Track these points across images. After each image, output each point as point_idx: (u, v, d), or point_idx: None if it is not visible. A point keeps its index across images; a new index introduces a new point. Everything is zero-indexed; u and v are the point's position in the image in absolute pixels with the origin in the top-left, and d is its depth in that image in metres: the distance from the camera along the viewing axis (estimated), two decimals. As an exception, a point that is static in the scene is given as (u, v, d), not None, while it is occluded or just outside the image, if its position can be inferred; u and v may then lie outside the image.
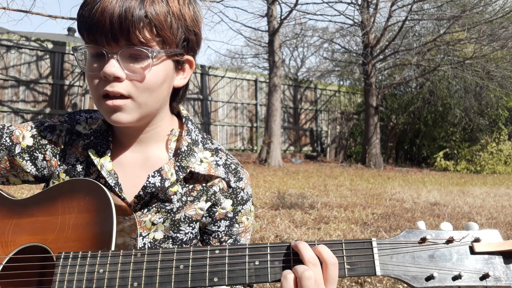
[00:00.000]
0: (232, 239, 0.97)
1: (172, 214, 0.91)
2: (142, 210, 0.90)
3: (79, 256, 0.74)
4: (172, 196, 0.90)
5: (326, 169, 10.74)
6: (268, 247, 0.73)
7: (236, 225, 0.97)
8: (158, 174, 0.88)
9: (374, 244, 0.73)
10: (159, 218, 0.90)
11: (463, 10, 11.04)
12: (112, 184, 0.87)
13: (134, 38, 0.77)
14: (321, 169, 10.78)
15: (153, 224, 0.90)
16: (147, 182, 0.87)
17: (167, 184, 0.88)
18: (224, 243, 0.96)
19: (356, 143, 15.43)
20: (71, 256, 0.74)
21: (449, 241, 0.72)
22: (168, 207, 0.91)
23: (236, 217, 0.96)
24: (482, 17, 11.83)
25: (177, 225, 0.92)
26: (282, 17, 11.22)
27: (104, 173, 0.88)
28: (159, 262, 0.72)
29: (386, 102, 15.24)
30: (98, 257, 0.73)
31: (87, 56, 0.83)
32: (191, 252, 0.73)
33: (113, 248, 0.75)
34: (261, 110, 14.23)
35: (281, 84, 11.86)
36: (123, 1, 0.76)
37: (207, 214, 0.95)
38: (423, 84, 14.53)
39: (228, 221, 0.96)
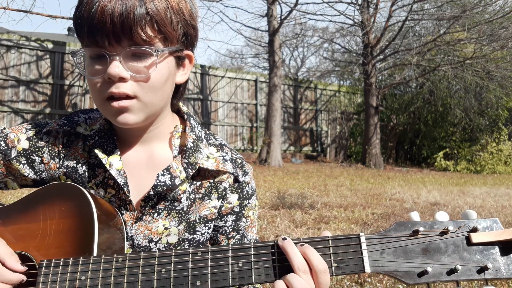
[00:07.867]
0: (240, 234, 0.96)
1: (183, 214, 0.90)
2: (152, 215, 0.88)
3: (61, 264, 0.73)
4: (181, 195, 0.89)
5: (326, 169, 10.73)
6: (252, 248, 0.70)
7: (243, 219, 0.96)
8: (167, 172, 0.86)
9: (363, 239, 0.68)
10: (172, 222, 0.89)
11: (463, 10, 11.03)
12: (122, 183, 0.85)
13: (136, 37, 0.76)
14: (321, 169, 10.77)
15: (165, 228, 0.88)
16: (158, 181, 0.85)
17: (177, 182, 0.86)
18: (232, 239, 0.96)
19: (356, 143, 15.41)
20: (53, 264, 0.73)
21: (444, 232, 0.67)
22: (178, 207, 0.89)
23: (243, 211, 0.96)
24: (482, 17, 11.81)
25: (193, 226, 0.91)
26: (282, 17, 11.21)
27: (113, 172, 0.86)
28: (140, 267, 0.71)
29: (386, 102, 15.22)
30: (80, 264, 0.72)
31: (86, 59, 0.81)
32: (172, 256, 0.71)
33: (95, 253, 0.74)
34: (261, 110, 14.22)
35: (281, 84, 11.83)
36: (122, 0, 0.74)
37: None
38: (423, 84, 14.51)
39: (235, 216, 0.95)
